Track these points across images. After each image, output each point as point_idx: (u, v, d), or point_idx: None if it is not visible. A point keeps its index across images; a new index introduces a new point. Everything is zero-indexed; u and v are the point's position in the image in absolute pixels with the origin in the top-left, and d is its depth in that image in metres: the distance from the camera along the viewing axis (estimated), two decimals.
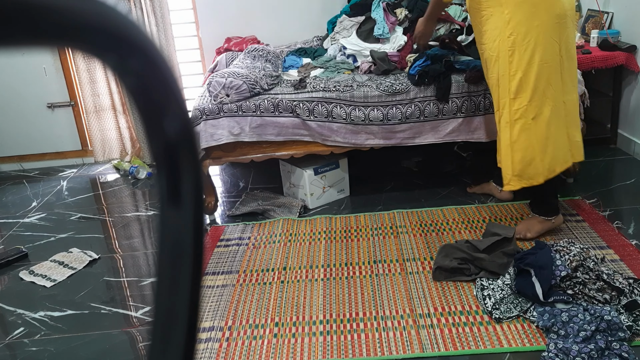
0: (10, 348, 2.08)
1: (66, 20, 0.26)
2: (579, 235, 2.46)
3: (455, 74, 2.80)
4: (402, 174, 3.32)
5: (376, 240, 2.58)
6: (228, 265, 2.48)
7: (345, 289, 2.23)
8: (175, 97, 0.32)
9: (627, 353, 1.70)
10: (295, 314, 2.10)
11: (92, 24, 0.27)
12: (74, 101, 3.92)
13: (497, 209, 2.79)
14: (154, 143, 0.32)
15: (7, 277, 2.58)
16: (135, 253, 2.72)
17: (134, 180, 3.64)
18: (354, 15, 3.38)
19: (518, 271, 2.09)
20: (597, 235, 2.45)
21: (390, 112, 2.78)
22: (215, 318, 2.11)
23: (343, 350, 1.89)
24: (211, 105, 2.79)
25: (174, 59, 3.82)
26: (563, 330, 1.83)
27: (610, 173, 3.16)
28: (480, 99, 2.77)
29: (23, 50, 0.26)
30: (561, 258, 2.04)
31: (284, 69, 3.17)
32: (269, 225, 2.82)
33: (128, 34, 0.29)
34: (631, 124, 3.31)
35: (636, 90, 3.24)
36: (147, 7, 3.62)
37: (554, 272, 1.98)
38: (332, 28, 3.46)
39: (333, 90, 2.78)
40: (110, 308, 2.26)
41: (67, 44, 0.27)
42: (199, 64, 4.02)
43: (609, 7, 3.41)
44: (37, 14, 0.25)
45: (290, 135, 2.83)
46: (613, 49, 3.19)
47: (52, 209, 3.29)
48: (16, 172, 3.99)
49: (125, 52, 0.29)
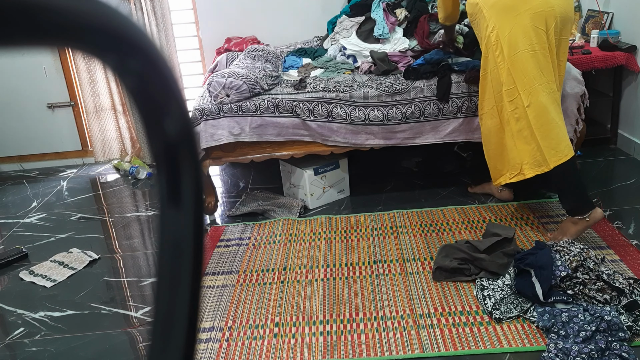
0: (10, 348, 2.08)
1: (66, 20, 0.26)
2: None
3: (455, 74, 2.80)
4: (402, 174, 3.32)
5: (376, 241, 2.58)
6: (228, 266, 2.48)
7: (345, 289, 2.23)
8: (175, 98, 0.32)
9: (627, 353, 1.70)
10: (295, 314, 2.10)
11: (92, 24, 0.27)
12: (74, 101, 3.92)
13: (497, 209, 2.79)
14: (154, 143, 0.32)
15: (7, 277, 2.58)
16: (135, 253, 2.72)
17: (134, 180, 3.64)
18: (353, 15, 3.38)
19: (518, 271, 2.09)
20: (597, 235, 2.45)
21: (390, 112, 2.78)
22: (215, 318, 2.11)
23: (343, 350, 1.89)
24: (211, 105, 2.79)
25: (174, 59, 3.82)
26: (563, 330, 1.83)
27: (610, 173, 3.16)
28: None
29: (23, 50, 0.26)
30: (561, 258, 2.04)
31: (284, 69, 3.17)
32: (269, 225, 2.82)
33: (128, 34, 0.29)
34: (631, 124, 3.31)
35: (636, 90, 3.24)
36: (148, 8, 3.62)
37: (554, 272, 1.98)
38: (332, 28, 3.46)
39: (333, 90, 2.78)
40: (110, 308, 2.26)
41: (67, 44, 0.27)
42: (199, 64, 4.02)
43: (609, 7, 3.41)
44: (37, 14, 0.25)
45: (291, 136, 2.83)
46: (613, 49, 3.19)
47: (52, 209, 3.29)
48: (16, 172, 3.99)
49: (125, 53, 0.29)
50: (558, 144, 2.30)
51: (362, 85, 2.79)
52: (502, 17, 2.29)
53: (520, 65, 2.28)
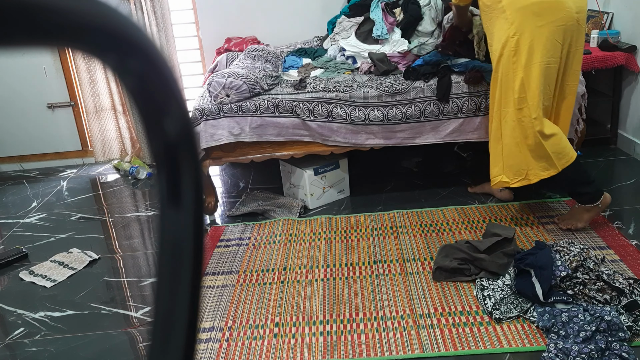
0: (10, 348, 2.08)
1: (66, 20, 0.26)
2: (579, 236, 2.46)
3: (455, 75, 2.81)
4: (402, 174, 3.32)
5: (376, 241, 2.58)
6: (228, 266, 2.48)
7: (345, 289, 2.23)
8: (175, 98, 0.32)
9: (627, 353, 1.70)
10: (295, 314, 2.10)
11: (92, 25, 0.27)
12: (74, 101, 3.92)
13: (497, 209, 2.79)
14: (154, 143, 0.32)
15: (7, 278, 2.58)
16: (135, 253, 2.72)
17: (134, 180, 3.64)
18: (353, 15, 3.38)
19: (518, 271, 2.09)
20: (597, 235, 2.45)
21: (390, 112, 2.78)
22: (215, 318, 2.11)
23: (343, 350, 1.89)
24: (211, 105, 2.79)
25: (174, 59, 3.82)
26: (563, 330, 1.83)
27: (610, 173, 3.16)
28: (481, 100, 2.77)
29: (23, 51, 0.26)
30: (561, 258, 2.04)
31: (284, 69, 3.17)
32: (269, 225, 2.82)
33: (128, 34, 0.29)
34: (631, 124, 3.31)
35: (636, 91, 3.24)
36: (148, 8, 3.62)
37: (554, 272, 1.98)
38: (332, 29, 3.46)
39: (333, 90, 2.78)
40: (110, 308, 2.26)
41: (67, 44, 0.27)
42: (199, 65, 4.02)
43: (609, 7, 3.42)
44: (37, 14, 0.25)
45: (291, 136, 2.83)
46: (613, 49, 3.19)
47: (52, 209, 3.29)
48: (16, 172, 3.99)
49: (125, 53, 0.29)
50: (563, 149, 2.37)
51: (362, 86, 2.79)
52: (527, 23, 2.25)
53: (534, 77, 2.28)
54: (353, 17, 3.36)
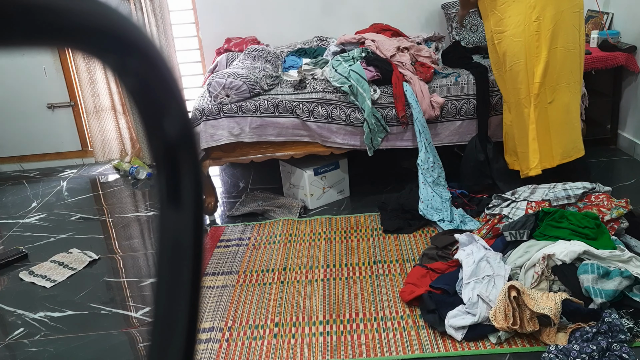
0: (10, 349, 2.08)
1: (66, 20, 0.26)
2: None
3: (458, 76, 2.81)
4: (402, 174, 3.32)
5: (376, 241, 2.58)
6: (228, 266, 2.48)
7: (345, 289, 2.23)
8: (175, 98, 0.32)
9: (628, 354, 1.70)
10: (295, 315, 2.10)
11: (92, 25, 0.27)
12: (74, 102, 3.93)
13: None
14: (153, 144, 0.32)
15: (7, 278, 2.58)
16: (135, 253, 2.72)
17: (134, 180, 3.64)
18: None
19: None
20: None
21: (390, 113, 2.78)
22: (215, 318, 2.11)
23: (343, 350, 1.89)
24: (211, 105, 2.79)
25: (174, 59, 3.82)
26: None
27: (610, 173, 3.16)
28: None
29: (23, 51, 0.26)
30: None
31: (284, 69, 3.17)
32: (268, 225, 2.82)
33: (128, 35, 0.29)
34: (631, 124, 3.31)
35: (636, 91, 3.24)
36: (147, 8, 3.62)
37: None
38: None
39: (333, 91, 2.78)
40: (110, 309, 2.26)
41: (67, 45, 0.27)
42: (199, 65, 4.02)
43: (609, 7, 3.42)
44: (37, 14, 0.25)
45: (290, 136, 2.83)
46: (613, 49, 3.19)
47: (52, 210, 3.29)
48: (16, 172, 3.99)
49: (125, 53, 0.29)
50: (567, 144, 2.37)
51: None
52: (548, 7, 2.28)
53: (553, 61, 2.31)
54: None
